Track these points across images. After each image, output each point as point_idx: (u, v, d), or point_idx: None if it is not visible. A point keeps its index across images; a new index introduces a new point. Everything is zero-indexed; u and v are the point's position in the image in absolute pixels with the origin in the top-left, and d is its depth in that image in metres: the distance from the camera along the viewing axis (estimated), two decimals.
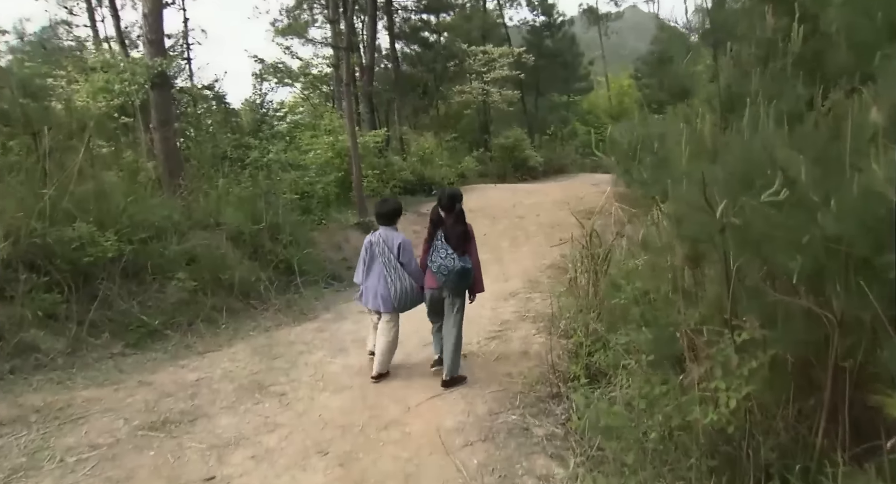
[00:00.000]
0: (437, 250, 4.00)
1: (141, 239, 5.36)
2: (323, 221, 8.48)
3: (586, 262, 4.86)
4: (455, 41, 17.68)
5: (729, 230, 2.14)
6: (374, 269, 4.14)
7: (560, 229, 8.45)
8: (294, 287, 6.52)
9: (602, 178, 17.57)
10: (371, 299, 4.11)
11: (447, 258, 3.92)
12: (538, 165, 18.93)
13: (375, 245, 4.12)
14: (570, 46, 26.48)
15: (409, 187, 10.82)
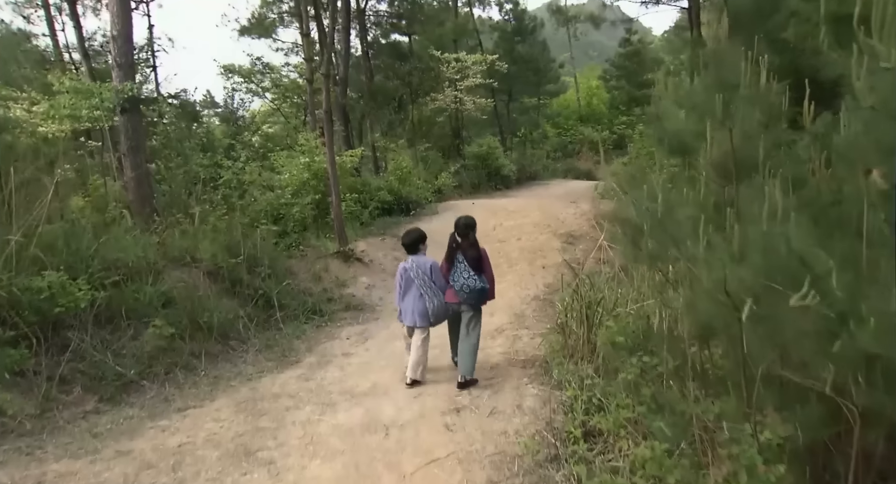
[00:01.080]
0: (459, 272, 4.73)
1: (114, 282, 5.13)
2: (300, 248, 8.28)
3: (577, 307, 4.78)
4: (428, 48, 17.58)
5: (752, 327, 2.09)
6: (410, 291, 4.84)
7: (542, 255, 8.43)
8: (274, 322, 6.33)
9: (575, 188, 17.63)
10: (409, 317, 4.79)
11: (469, 279, 4.71)
12: (511, 174, 18.94)
13: (410, 270, 4.83)
14: (542, 52, 26.64)
15: (386, 207, 10.66)
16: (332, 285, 7.33)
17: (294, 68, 15.73)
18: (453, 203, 12.54)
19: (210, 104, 31.70)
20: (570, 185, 19.28)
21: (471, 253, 4.77)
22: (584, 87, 30.46)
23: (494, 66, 18.80)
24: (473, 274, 4.72)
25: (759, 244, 2.11)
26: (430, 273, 4.83)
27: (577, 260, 8.18)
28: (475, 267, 4.74)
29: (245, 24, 19.48)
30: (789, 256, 1.99)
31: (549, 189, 18.24)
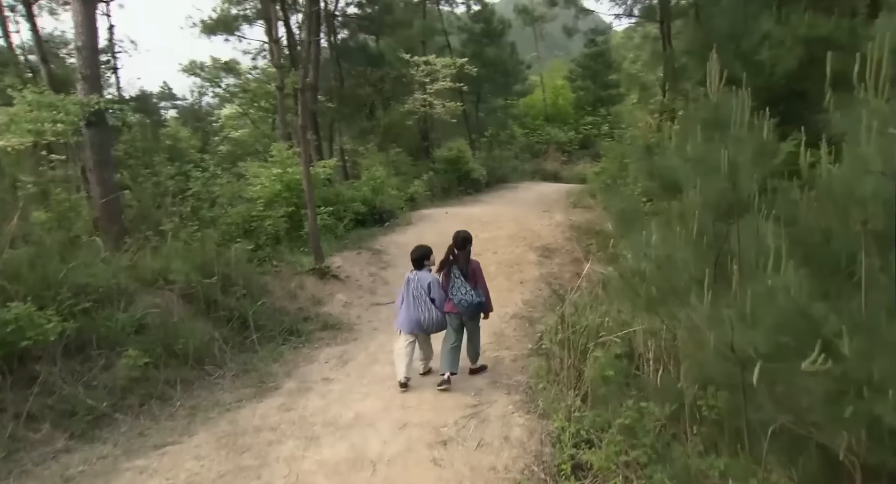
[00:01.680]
0: (457, 287, 5.23)
1: (84, 309, 4.94)
2: (274, 264, 8.12)
3: (561, 333, 4.78)
4: (396, 50, 17.45)
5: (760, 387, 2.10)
6: (408, 302, 5.33)
7: (519, 269, 8.45)
8: (250, 344, 6.18)
9: (545, 192, 17.75)
10: (407, 325, 5.24)
11: (467, 294, 5.20)
12: (482, 178, 18.97)
13: (411, 282, 5.38)
14: (510, 54, 26.72)
15: (360, 218, 10.54)
16: (309, 303, 7.21)
17: (262, 72, 15.39)
18: (427, 212, 12.48)
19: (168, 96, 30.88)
20: (539, 188, 19.39)
21: (465, 264, 5.31)
22: (549, 86, 30.63)
23: (464, 70, 18.76)
24: (471, 289, 5.23)
25: (765, 303, 2.11)
26: (427, 289, 5.31)
27: (554, 275, 8.25)
28: (474, 280, 5.30)
29: (207, 21, 19.13)
30: (797, 316, 2.00)
31: (518, 193, 18.32)
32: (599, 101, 28.50)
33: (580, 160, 25.67)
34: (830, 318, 1.86)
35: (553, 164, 24.77)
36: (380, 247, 9.43)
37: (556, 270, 8.38)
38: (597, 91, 28.56)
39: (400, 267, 8.67)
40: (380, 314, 7.16)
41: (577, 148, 27.11)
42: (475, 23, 25.09)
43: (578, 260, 8.87)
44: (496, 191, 19.07)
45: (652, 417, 3.02)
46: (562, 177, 23.26)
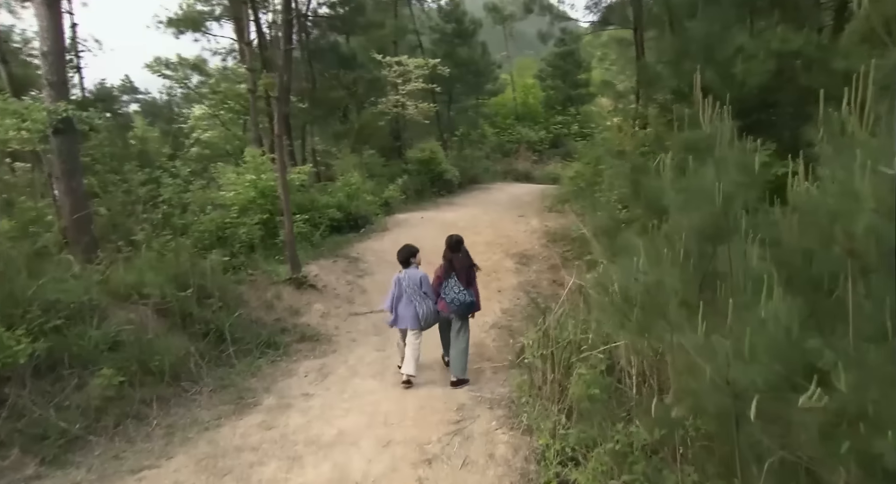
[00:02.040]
0: (450, 287, 5.60)
1: (55, 327, 4.79)
2: (249, 272, 7.99)
3: (544, 347, 4.80)
4: (368, 50, 17.30)
5: None
6: (403, 299, 5.67)
7: (497, 277, 8.47)
8: (226, 358, 6.07)
9: (518, 194, 17.84)
10: (402, 321, 5.65)
11: (459, 294, 5.57)
12: (454, 179, 18.99)
13: (403, 281, 5.70)
14: (482, 55, 26.70)
15: (336, 225, 10.44)
16: (286, 314, 7.11)
17: (232, 73, 15.09)
18: (402, 217, 12.42)
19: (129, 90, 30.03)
20: (511, 189, 19.48)
21: (464, 262, 5.79)
22: (519, 85, 30.73)
23: (436, 70, 18.68)
24: (463, 289, 5.60)
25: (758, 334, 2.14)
26: (419, 284, 5.68)
27: (532, 282, 8.30)
28: (466, 280, 5.67)
29: (172, 17, 18.76)
30: (790, 349, 2.04)
31: (491, 195, 18.37)
32: (569, 100, 28.70)
33: (551, 160, 25.86)
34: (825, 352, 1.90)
35: (524, 163, 24.91)
36: (356, 254, 9.36)
37: (534, 278, 8.43)
38: (567, 90, 28.73)
39: (377, 274, 8.63)
40: (358, 325, 7.10)
41: (548, 147, 27.28)
42: (447, 23, 25.01)
43: (556, 267, 8.94)
44: (469, 192, 19.11)
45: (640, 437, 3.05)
46: (533, 177, 23.40)
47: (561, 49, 28.78)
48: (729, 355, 2.02)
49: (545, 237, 10.10)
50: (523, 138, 26.74)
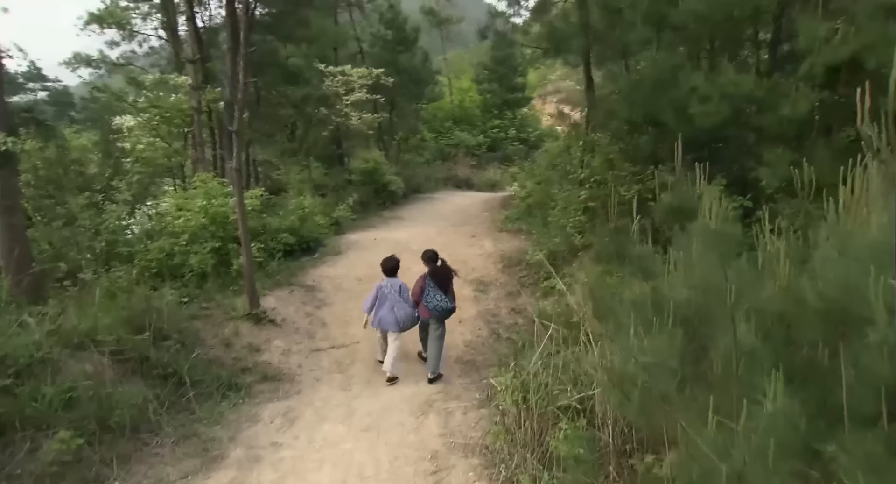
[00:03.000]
0: (432, 295, 6.42)
1: (3, 387, 4.50)
2: (204, 306, 7.74)
3: (516, 392, 4.89)
4: (311, 59, 17.02)
5: None
6: (385, 304, 6.51)
7: (457, 305, 8.50)
8: (186, 403, 5.85)
9: (463, 205, 17.97)
10: (383, 324, 6.51)
11: (442, 301, 6.45)
12: (399, 190, 18.98)
13: (385, 288, 6.58)
14: (423, 63, 26.68)
15: (288, 249, 10.25)
16: (245, 352, 6.93)
17: (172, 85, 14.45)
18: (354, 238, 12.30)
19: (37, 77, 28.13)
20: (456, 200, 19.57)
21: (443, 270, 6.64)
22: (456, 87, 30.83)
23: (380, 80, 18.53)
24: (445, 297, 6.47)
25: (768, 433, 2.26)
26: (400, 292, 6.54)
27: (492, 312, 8.41)
28: (445, 288, 6.51)
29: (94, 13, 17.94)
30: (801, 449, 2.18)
31: (437, 206, 18.42)
32: (506, 104, 29.05)
33: (489, 164, 26.19)
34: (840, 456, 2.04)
35: (463, 169, 25.11)
36: (312, 282, 9.22)
37: (493, 306, 8.54)
38: (503, 94, 29.04)
39: (336, 305, 8.52)
40: (320, 362, 7.00)
41: (486, 151, 27.54)
42: (388, 30, 24.84)
43: (513, 294, 9.10)
44: (413, 203, 19.12)
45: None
46: (473, 183, 23.63)
47: (497, 53, 28.98)
48: (745, 457, 2.13)
49: (500, 261, 10.24)
50: (462, 143, 26.87)
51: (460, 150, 26.72)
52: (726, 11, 6.57)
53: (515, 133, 28.18)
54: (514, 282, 9.43)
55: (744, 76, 6.50)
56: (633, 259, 3.40)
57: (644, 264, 3.37)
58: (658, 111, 7.70)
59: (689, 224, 3.18)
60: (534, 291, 9.17)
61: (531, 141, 29.19)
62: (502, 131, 28.20)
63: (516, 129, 28.30)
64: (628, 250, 3.51)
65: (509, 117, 28.68)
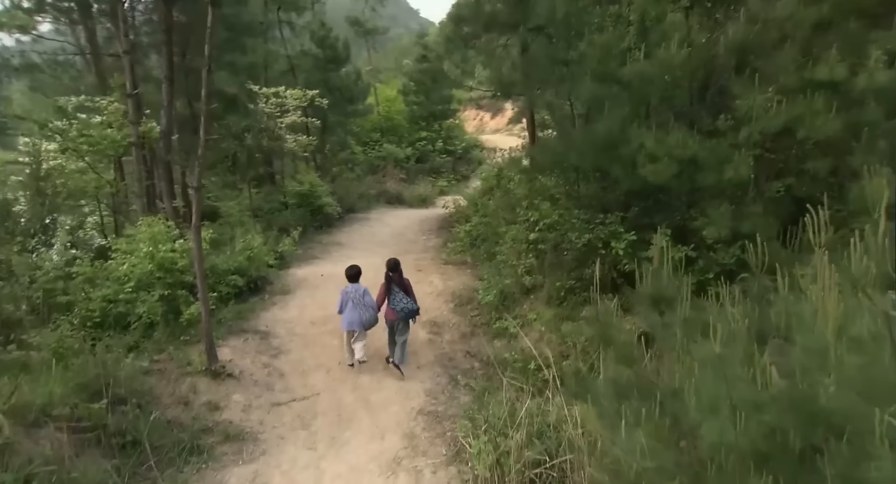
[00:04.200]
0: (399, 299, 7.68)
1: None
2: (155, 359, 7.52)
3: (490, 456, 5.09)
4: (245, 82, 16.73)
5: None
6: (349, 307, 7.64)
7: (413, 350, 8.64)
8: (147, 471, 5.70)
9: (400, 227, 17.99)
10: (349, 324, 7.65)
11: (407, 303, 7.71)
12: (335, 213, 18.81)
13: (350, 294, 7.70)
14: (355, 81, 26.52)
15: (238, 292, 10.07)
16: (205, 410, 6.79)
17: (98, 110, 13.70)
18: (301, 274, 12.17)
19: None
20: (391, 220, 19.47)
21: (402, 282, 7.84)
22: (382, 96, 30.66)
23: (314, 102, 18.35)
24: (408, 300, 7.72)
25: None
26: (362, 296, 7.69)
27: (448, 356, 8.61)
28: (407, 292, 7.77)
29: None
30: None
31: (374, 229, 18.31)
32: (433, 115, 29.25)
33: (417, 177, 26.31)
34: None
35: (393, 183, 25.05)
36: (265, 327, 9.11)
37: (448, 350, 8.72)
38: (430, 106, 29.21)
39: (293, 352, 8.47)
40: (283, 417, 6.94)
41: (414, 163, 27.60)
42: (319, 48, 24.58)
43: (466, 336, 9.33)
44: (349, 224, 18.90)
45: None
46: (404, 199, 23.60)
47: (423, 66, 29.09)
48: None
49: (451, 300, 10.45)
50: (390, 155, 26.81)
51: (389, 162, 26.69)
52: (669, 73, 7.10)
53: (442, 145, 28.49)
54: (466, 322, 9.66)
55: (689, 138, 6.97)
56: (618, 346, 3.65)
57: (628, 351, 3.62)
58: (607, 163, 8.16)
59: (669, 313, 3.51)
60: (486, 331, 9.44)
61: (458, 153, 29.60)
62: (429, 144, 28.40)
63: (443, 141, 28.59)
64: (613, 337, 3.75)
65: (436, 129, 28.90)
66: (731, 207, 7.19)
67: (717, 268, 7.64)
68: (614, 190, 8.68)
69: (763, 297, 3.86)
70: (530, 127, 11.29)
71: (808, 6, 6.16)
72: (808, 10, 6.15)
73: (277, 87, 17.25)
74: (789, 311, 3.24)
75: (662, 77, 7.19)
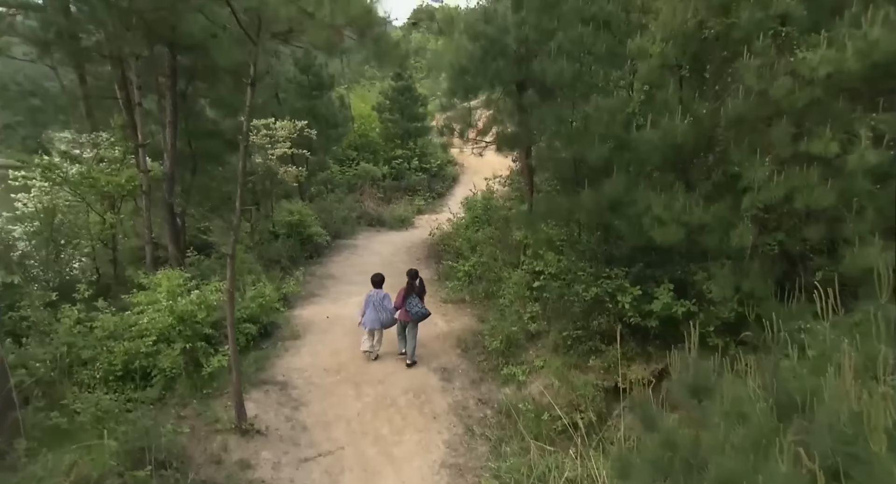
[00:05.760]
0: (413, 303, 9.58)
1: None
2: (181, 416, 7.77)
3: None
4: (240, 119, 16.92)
5: None
6: (371, 309, 9.53)
7: (426, 398, 9.03)
8: None
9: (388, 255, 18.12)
10: (370, 323, 9.60)
11: (420, 308, 9.61)
12: (325, 243, 19.02)
13: (372, 296, 9.60)
14: (340, 107, 26.61)
15: (251, 339, 10.33)
16: (237, 469, 7.06)
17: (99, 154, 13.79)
18: (306, 315, 12.40)
19: None
20: (376, 246, 19.63)
21: (419, 286, 9.93)
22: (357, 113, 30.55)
23: (304, 133, 18.52)
24: (421, 305, 9.65)
25: None
26: (382, 300, 9.53)
27: (461, 404, 8.99)
28: (421, 299, 9.74)
29: None
30: None
31: (363, 258, 18.24)
32: (408, 133, 29.47)
33: (395, 195, 26.48)
34: None
35: (372, 204, 25.15)
36: (283, 377, 9.39)
37: (461, 398, 9.10)
38: (405, 124, 29.41)
39: (313, 403, 8.76)
40: (312, 473, 7.24)
41: (391, 180, 27.74)
42: (303, 75, 24.71)
43: (476, 382, 9.72)
44: (338, 253, 18.86)
45: None
46: (385, 220, 23.68)
47: (398, 83, 29.35)
48: None
49: (458, 345, 10.81)
50: (368, 174, 26.87)
51: (366, 181, 26.82)
52: (673, 144, 7.64)
53: (418, 163, 28.84)
54: (474, 368, 10.05)
55: (695, 204, 7.46)
56: (661, 431, 4.06)
57: (671, 436, 4.02)
58: (613, 221, 8.67)
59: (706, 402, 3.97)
60: (494, 376, 9.84)
61: (433, 170, 29.97)
62: (405, 161, 28.68)
63: (418, 158, 28.94)
64: (655, 422, 4.17)
65: (411, 147, 29.19)
66: (730, 264, 7.75)
67: (717, 321, 8.19)
68: (618, 245, 9.20)
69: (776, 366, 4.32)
70: (528, 178, 11.80)
71: (803, 87, 6.72)
72: (803, 91, 6.72)
73: (267, 120, 17.47)
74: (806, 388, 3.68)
75: (666, 144, 7.70)
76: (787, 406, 3.74)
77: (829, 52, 6.31)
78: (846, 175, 6.44)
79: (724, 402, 3.81)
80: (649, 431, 4.23)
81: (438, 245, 18.23)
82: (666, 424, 4.12)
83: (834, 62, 6.30)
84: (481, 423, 8.52)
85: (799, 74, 6.63)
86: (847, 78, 6.47)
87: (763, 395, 3.86)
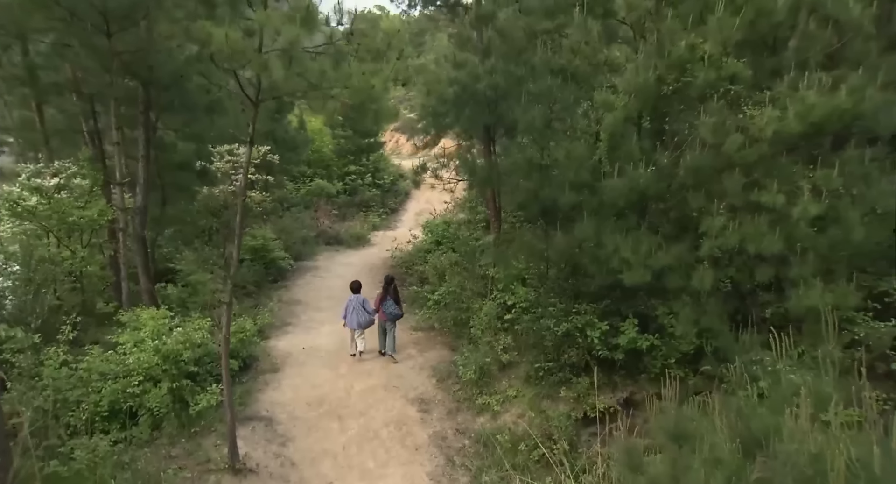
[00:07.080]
0: (389, 305, 11.52)
1: None
2: (172, 455, 7.99)
3: None
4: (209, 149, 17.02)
5: None
6: (351, 311, 11.41)
7: (407, 430, 9.48)
8: None
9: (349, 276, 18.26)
10: (351, 324, 11.48)
11: (394, 309, 11.61)
12: (288, 266, 19.23)
13: (352, 301, 11.48)
14: (299, 130, 26.69)
15: (232, 372, 10.53)
16: None
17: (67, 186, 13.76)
18: (282, 346, 12.62)
19: None
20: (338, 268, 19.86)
21: (393, 291, 11.70)
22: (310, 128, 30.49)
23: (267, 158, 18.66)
24: (395, 307, 11.62)
25: None
26: (361, 304, 11.38)
27: (441, 435, 9.45)
28: (396, 301, 11.66)
29: None
30: None
31: (327, 282, 18.33)
32: (360, 149, 29.79)
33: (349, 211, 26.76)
34: None
35: (328, 221, 25.30)
36: (266, 412, 9.67)
37: (440, 429, 9.56)
38: (357, 140, 29.72)
39: (298, 439, 9.08)
40: None
41: (346, 195, 28.00)
42: None
43: (452, 412, 10.21)
44: (301, 276, 18.99)
45: None
46: (342, 239, 23.87)
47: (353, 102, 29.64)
48: None
49: (433, 375, 11.28)
50: (322, 190, 26.98)
51: (321, 198, 26.97)
52: (637, 190, 8.37)
53: (372, 179, 29.27)
54: (450, 398, 10.54)
55: (659, 249, 8.17)
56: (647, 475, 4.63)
57: None
58: (582, 261, 9.35)
59: None
60: (469, 406, 10.36)
61: (386, 186, 30.44)
62: (359, 177, 29.03)
63: (372, 174, 29.35)
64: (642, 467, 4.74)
65: (364, 163, 29.55)
66: (690, 301, 8.51)
67: (678, 354, 8.95)
68: (585, 281, 9.89)
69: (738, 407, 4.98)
70: (495, 212, 12.48)
71: (752, 143, 7.58)
72: (752, 148, 7.57)
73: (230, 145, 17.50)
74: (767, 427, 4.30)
75: (631, 190, 8.41)
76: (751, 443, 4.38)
77: (774, 112, 7.21)
78: (791, 223, 7.30)
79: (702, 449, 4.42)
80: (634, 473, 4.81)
81: (401, 268, 18.61)
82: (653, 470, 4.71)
83: (778, 123, 7.20)
84: (461, 453, 9.00)
85: (748, 131, 7.51)
86: (789, 137, 7.37)
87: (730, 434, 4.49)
